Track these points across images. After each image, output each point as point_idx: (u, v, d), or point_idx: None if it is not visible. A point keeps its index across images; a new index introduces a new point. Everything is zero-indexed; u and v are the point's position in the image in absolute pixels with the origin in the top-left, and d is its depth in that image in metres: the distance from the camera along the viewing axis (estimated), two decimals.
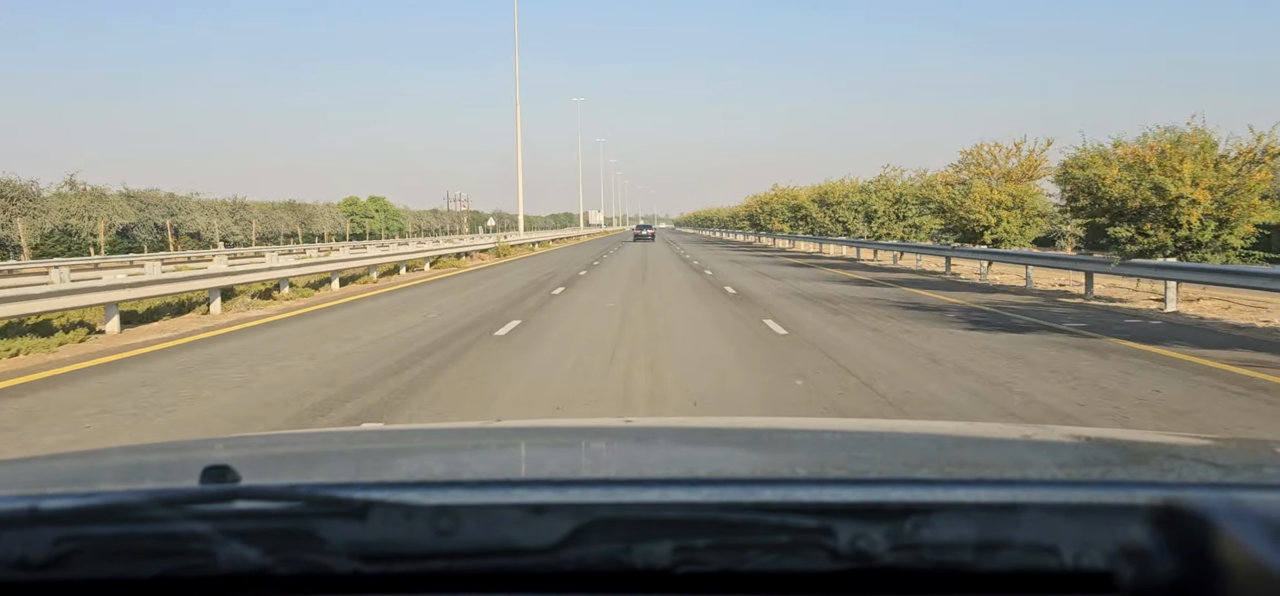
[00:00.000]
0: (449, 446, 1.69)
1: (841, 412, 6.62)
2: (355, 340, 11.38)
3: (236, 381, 8.51)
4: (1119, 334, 11.16)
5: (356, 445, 1.86)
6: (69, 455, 1.93)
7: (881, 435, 1.95)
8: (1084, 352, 9.52)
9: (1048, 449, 1.62)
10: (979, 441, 1.73)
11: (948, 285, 20.14)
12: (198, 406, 7.40)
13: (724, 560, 0.92)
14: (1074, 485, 1.17)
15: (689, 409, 6.90)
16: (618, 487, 1.09)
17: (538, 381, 8.24)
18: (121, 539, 0.94)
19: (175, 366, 9.51)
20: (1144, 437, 2.05)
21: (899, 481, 1.13)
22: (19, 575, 0.93)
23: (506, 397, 7.55)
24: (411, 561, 0.94)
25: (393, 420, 6.65)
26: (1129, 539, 0.74)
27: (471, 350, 10.24)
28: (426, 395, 7.66)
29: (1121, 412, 6.56)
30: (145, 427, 6.70)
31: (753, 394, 7.61)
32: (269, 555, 0.93)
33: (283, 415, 7.00)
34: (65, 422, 6.87)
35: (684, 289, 19.10)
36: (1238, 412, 6.58)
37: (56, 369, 9.53)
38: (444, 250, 35.02)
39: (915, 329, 11.66)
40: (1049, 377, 7.99)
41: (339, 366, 9.25)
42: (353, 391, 7.84)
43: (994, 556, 0.91)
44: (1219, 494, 1.09)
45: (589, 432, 1.94)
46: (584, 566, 0.93)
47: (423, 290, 20.46)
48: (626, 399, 7.37)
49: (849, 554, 0.91)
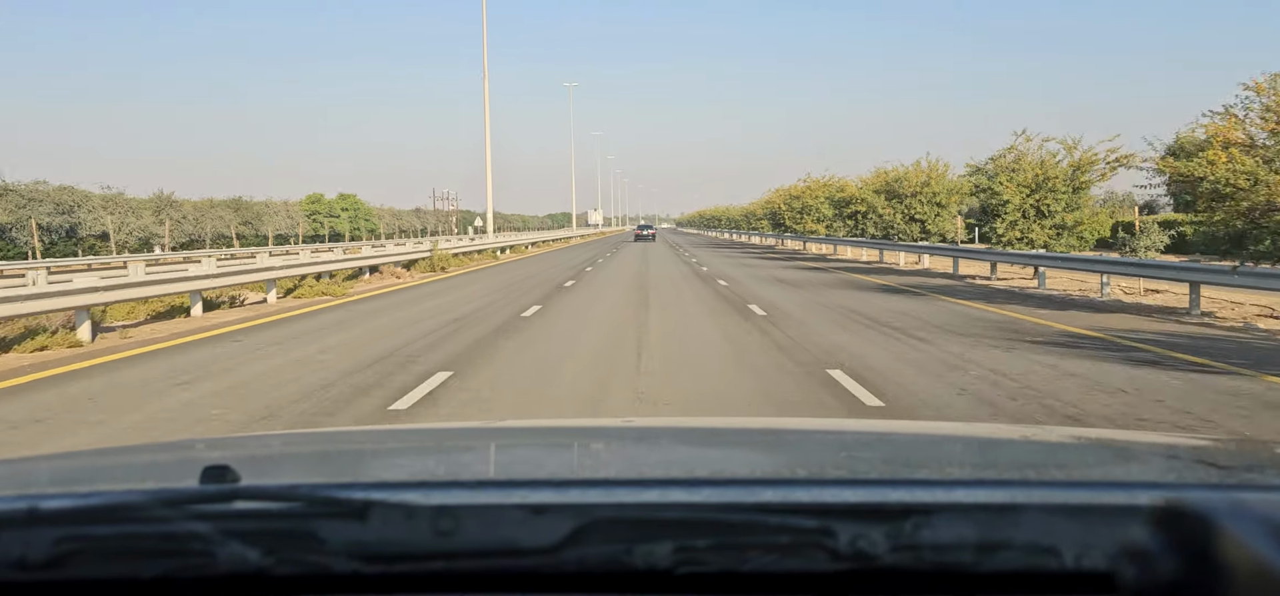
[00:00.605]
0: (449, 446, 1.69)
1: None
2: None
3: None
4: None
5: (356, 445, 1.86)
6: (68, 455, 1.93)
7: (881, 436, 1.95)
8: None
9: (1048, 449, 1.62)
10: (979, 442, 1.73)
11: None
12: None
13: (724, 560, 0.92)
14: (1075, 486, 1.17)
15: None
16: (618, 488, 1.09)
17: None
18: (121, 539, 0.94)
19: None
20: (1144, 438, 2.05)
21: (899, 482, 1.13)
22: (18, 575, 0.93)
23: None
24: (411, 561, 0.94)
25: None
26: (1130, 539, 0.74)
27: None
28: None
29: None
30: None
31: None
32: (269, 555, 0.93)
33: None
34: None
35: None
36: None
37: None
38: (318, 264, 21.81)
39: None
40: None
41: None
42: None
43: (994, 557, 0.91)
44: (1220, 494, 1.09)
45: (589, 433, 1.94)
46: (584, 567, 0.93)
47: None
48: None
49: (849, 554, 0.91)
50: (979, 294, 17.79)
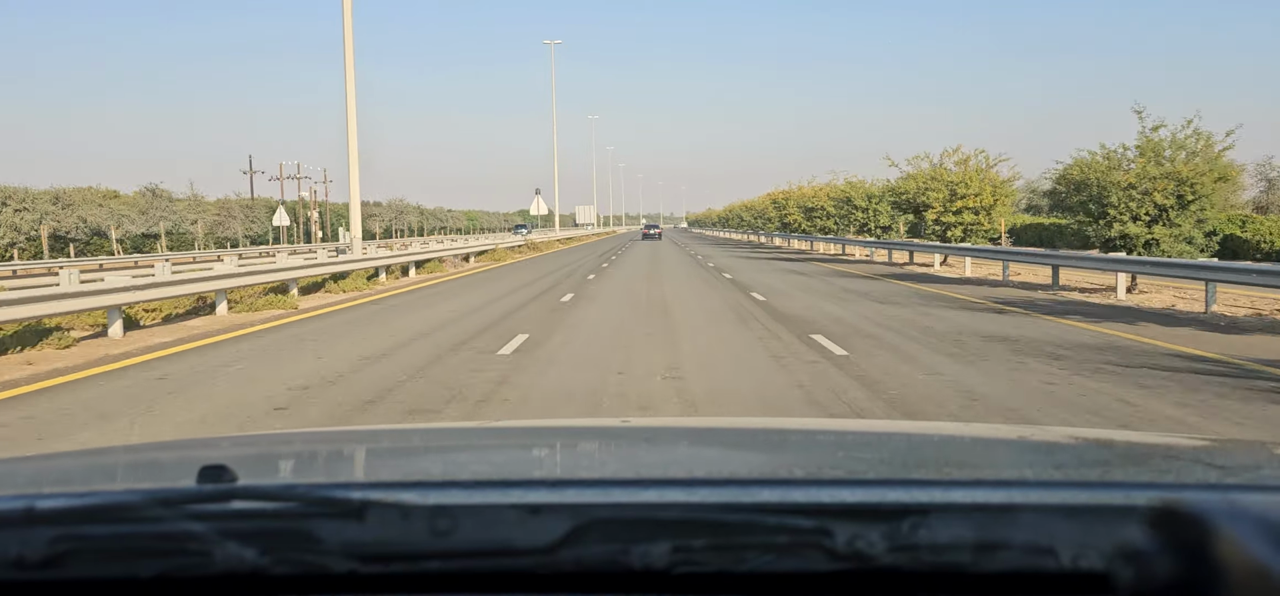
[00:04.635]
0: (446, 446, 1.69)
1: None
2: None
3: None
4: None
5: (353, 445, 1.86)
6: (66, 454, 1.93)
7: (879, 436, 1.95)
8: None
9: (1045, 450, 1.62)
10: (977, 442, 1.73)
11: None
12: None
13: (722, 560, 0.92)
14: (1072, 486, 1.17)
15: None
16: (615, 488, 1.09)
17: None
18: (118, 538, 0.94)
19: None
20: (1142, 439, 2.06)
21: (897, 482, 1.13)
22: (15, 575, 0.93)
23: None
24: (408, 561, 0.94)
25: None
26: (1126, 540, 0.74)
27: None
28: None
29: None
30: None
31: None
32: (266, 555, 0.93)
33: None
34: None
35: None
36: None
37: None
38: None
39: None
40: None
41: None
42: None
43: (992, 557, 0.91)
44: (1217, 495, 1.09)
45: (587, 433, 1.94)
46: (581, 566, 0.93)
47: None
48: None
49: (846, 554, 0.91)
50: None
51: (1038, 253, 21.77)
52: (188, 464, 1.16)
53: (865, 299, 16.33)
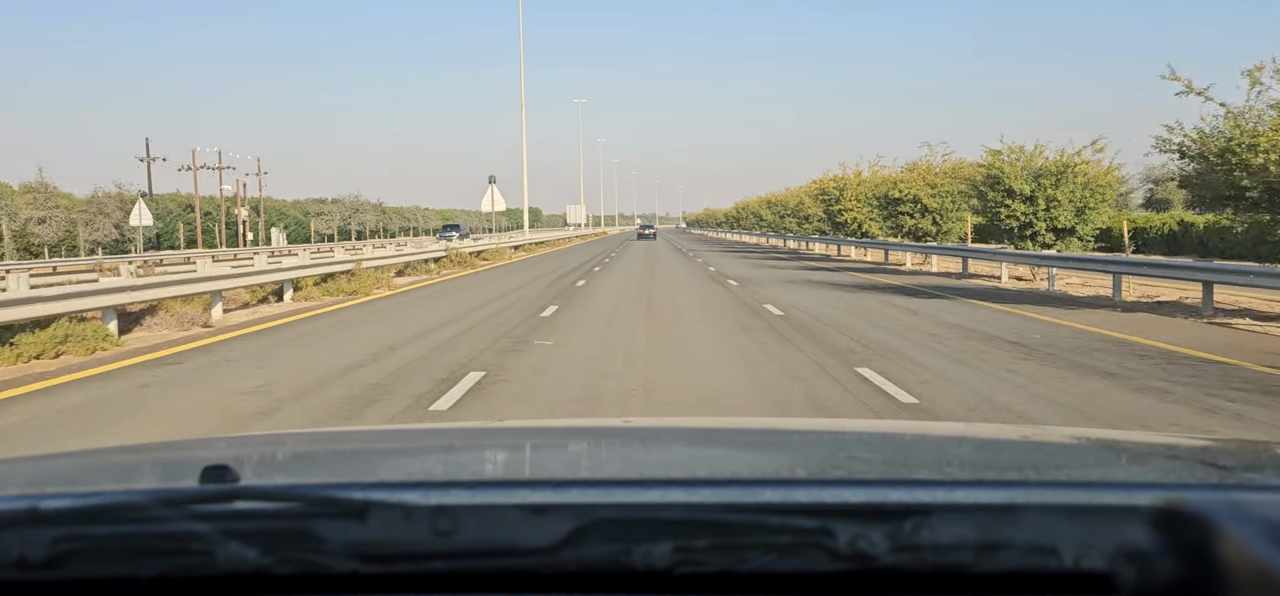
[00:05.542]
0: (448, 446, 1.69)
1: None
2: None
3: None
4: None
5: (356, 445, 1.86)
6: (68, 454, 1.93)
7: (881, 436, 1.95)
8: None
9: (1048, 450, 1.62)
10: (979, 442, 1.73)
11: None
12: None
13: (724, 560, 0.92)
14: (1074, 486, 1.17)
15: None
16: (617, 488, 1.09)
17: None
18: (120, 539, 0.94)
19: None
20: (1144, 439, 2.05)
21: (899, 482, 1.13)
22: (18, 575, 0.93)
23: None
24: (410, 561, 0.94)
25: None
26: (1129, 540, 0.74)
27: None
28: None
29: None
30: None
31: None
32: (268, 555, 0.93)
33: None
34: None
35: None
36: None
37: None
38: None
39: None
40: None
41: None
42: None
43: (994, 557, 0.91)
44: (1220, 495, 1.09)
45: (589, 433, 1.94)
46: (584, 567, 0.93)
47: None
48: None
49: (849, 554, 0.91)
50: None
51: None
52: (190, 464, 1.16)
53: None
